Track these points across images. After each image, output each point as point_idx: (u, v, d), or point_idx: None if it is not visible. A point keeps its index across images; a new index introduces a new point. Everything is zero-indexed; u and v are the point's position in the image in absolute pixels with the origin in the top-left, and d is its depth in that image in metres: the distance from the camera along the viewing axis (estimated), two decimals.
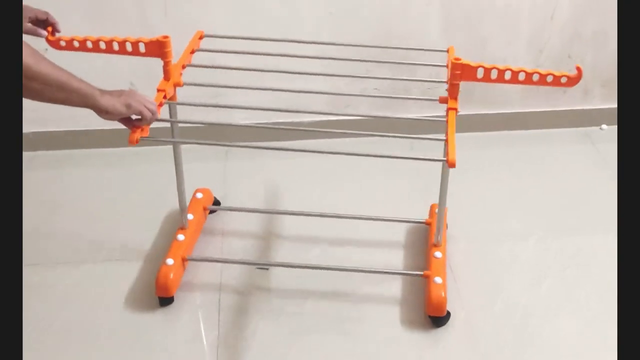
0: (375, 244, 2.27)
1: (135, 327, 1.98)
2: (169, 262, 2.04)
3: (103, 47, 1.86)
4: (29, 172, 2.55)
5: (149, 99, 1.71)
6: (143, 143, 1.71)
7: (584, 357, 1.91)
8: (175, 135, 1.99)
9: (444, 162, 1.96)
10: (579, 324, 1.99)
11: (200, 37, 2.04)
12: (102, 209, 2.40)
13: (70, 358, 1.90)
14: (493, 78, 1.80)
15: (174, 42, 1.96)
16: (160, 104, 1.79)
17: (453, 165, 1.66)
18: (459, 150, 1.70)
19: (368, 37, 2.50)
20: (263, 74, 2.10)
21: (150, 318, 2.00)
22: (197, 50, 2.00)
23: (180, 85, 1.90)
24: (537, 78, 1.79)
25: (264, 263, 2.17)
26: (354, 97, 2.62)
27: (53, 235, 2.28)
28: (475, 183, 2.50)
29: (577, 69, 1.77)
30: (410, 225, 2.31)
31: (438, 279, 2.00)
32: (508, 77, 1.80)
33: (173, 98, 1.90)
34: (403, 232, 2.30)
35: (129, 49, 1.86)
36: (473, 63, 1.78)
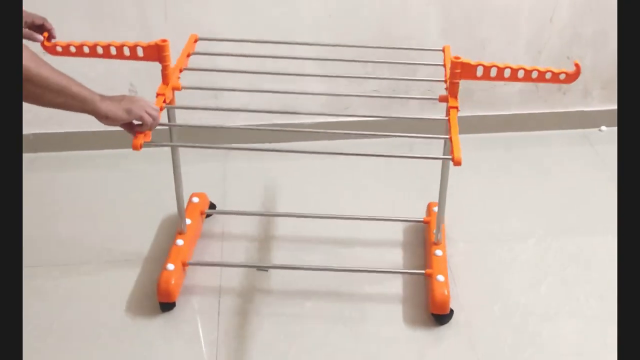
0: (374, 244, 2.27)
1: (136, 329, 1.97)
2: (170, 267, 2.03)
3: (100, 52, 1.84)
4: (29, 173, 2.55)
5: (151, 104, 1.69)
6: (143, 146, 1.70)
7: (584, 356, 1.91)
8: (174, 139, 1.98)
9: (444, 160, 1.97)
10: (579, 324, 1.99)
11: (195, 40, 2.02)
12: (101, 211, 2.40)
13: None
14: (492, 76, 1.80)
15: (175, 43, 1.96)
16: (161, 109, 1.78)
17: (459, 163, 1.65)
18: None
19: (368, 37, 2.50)
20: (262, 76, 2.10)
21: (151, 321, 1.99)
22: (193, 54, 1.99)
23: (179, 89, 1.89)
24: (536, 75, 1.79)
25: (264, 266, 2.17)
26: (353, 98, 2.62)
27: (52, 237, 2.28)
28: (475, 184, 2.50)
29: (575, 66, 1.78)
30: (407, 225, 2.31)
31: (440, 277, 2.00)
32: (507, 74, 1.79)
33: (171, 102, 1.89)
34: (400, 231, 2.30)
35: (127, 54, 1.84)
36: (473, 61, 1.79)
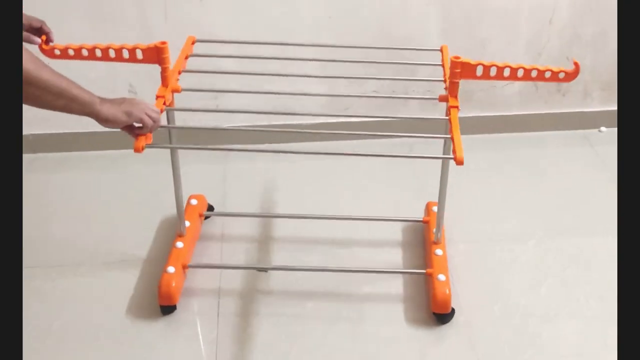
0: (374, 244, 2.27)
1: (135, 331, 1.97)
2: (170, 270, 2.02)
3: (99, 54, 1.83)
4: (29, 174, 2.55)
5: (152, 107, 1.68)
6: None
7: (584, 357, 1.91)
8: (173, 141, 1.96)
9: (444, 160, 1.97)
10: (579, 325, 1.99)
11: (193, 42, 2.01)
12: (100, 212, 2.39)
13: None
14: (492, 75, 1.80)
15: (175, 43, 1.96)
16: (161, 111, 1.77)
17: (461, 163, 1.65)
18: None
19: (368, 38, 2.50)
20: (262, 76, 2.10)
21: (151, 323, 1.99)
22: (192, 55, 1.98)
23: (179, 91, 1.88)
24: (535, 74, 1.80)
25: (264, 267, 2.16)
26: (353, 100, 2.62)
27: (51, 238, 2.27)
28: (475, 185, 2.50)
29: (574, 64, 1.78)
30: (406, 224, 2.31)
31: (441, 276, 2.00)
32: (507, 74, 1.80)
33: (171, 104, 1.88)
34: (399, 231, 2.30)
35: (126, 56, 1.83)
36: (472, 61, 1.79)
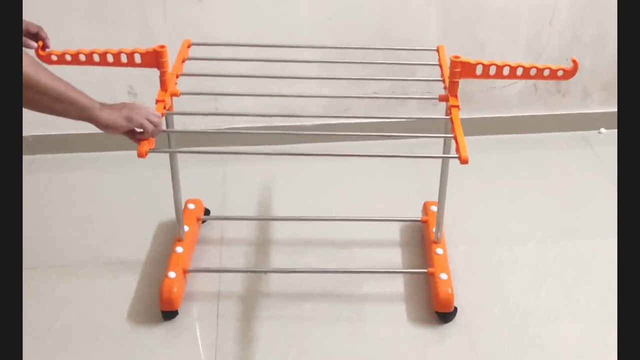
0: (373, 244, 2.27)
1: (135, 332, 1.97)
2: (171, 275, 2.01)
3: (97, 59, 1.82)
4: (29, 175, 2.54)
5: (152, 111, 1.67)
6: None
7: (584, 358, 1.91)
8: (172, 145, 1.96)
9: (444, 160, 1.97)
10: (579, 326, 1.99)
11: (189, 45, 2.00)
12: (98, 213, 2.39)
13: None
14: (492, 74, 1.80)
15: (175, 43, 1.96)
16: (162, 115, 1.76)
17: (466, 162, 1.65)
18: None
19: (368, 38, 2.50)
20: (262, 78, 2.10)
21: (151, 325, 1.98)
22: (190, 59, 1.97)
23: (178, 95, 1.87)
24: (534, 72, 1.80)
25: (264, 270, 2.16)
26: (353, 101, 2.62)
27: (50, 239, 2.27)
28: (474, 186, 2.50)
29: (572, 62, 1.79)
30: (404, 224, 2.31)
31: (443, 275, 2.01)
32: (506, 72, 1.80)
33: (170, 108, 1.87)
34: (397, 231, 2.30)
35: (124, 61, 1.82)
36: (472, 60, 1.79)
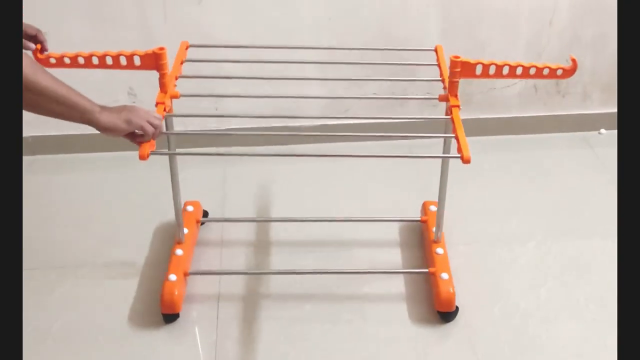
0: (373, 244, 2.27)
1: (136, 334, 1.97)
2: (172, 278, 2.00)
3: (96, 62, 1.81)
4: (28, 175, 2.54)
5: (153, 113, 1.66)
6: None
7: (584, 358, 1.91)
8: (172, 146, 1.95)
9: (444, 160, 1.97)
10: (579, 326, 2.00)
11: (186, 47, 2.00)
12: (99, 214, 2.39)
13: None
14: (491, 73, 1.81)
15: (175, 44, 1.96)
16: (162, 117, 1.76)
17: (468, 161, 1.65)
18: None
19: (368, 39, 2.50)
20: (261, 79, 2.10)
21: (151, 327, 1.98)
22: (189, 60, 1.96)
23: (177, 97, 1.86)
24: (534, 71, 1.81)
25: (264, 272, 2.16)
26: (353, 102, 2.61)
27: (49, 240, 2.27)
28: (474, 187, 2.50)
29: (572, 61, 1.79)
30: (403, 224, 2.32)
31: (445, 275, 2.01)
32: (506, 72, 1.81)
33: (170, 110, 1.86)
34: (397, 231, 2.30)
35: (124, 63, 1.81)
36: (472, 60, 1.80)
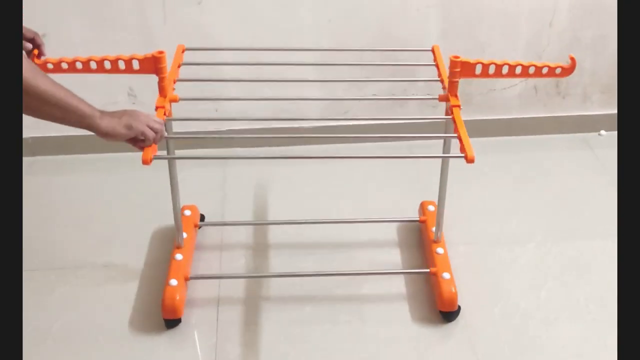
0: (372, 245, 2.27)
1: (136, 334, 1.96)
2: (173, 283, 1.99)
3: (94, 67, 1.80)
4: (28, 176, 2.53)
5: (154, 118, 1.65)
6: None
7: (584, 359, 1.91)
8: (171, 149, 1.94)
9: (444, 160, 1.97)
10: (579, 327, 2.00)
11: (183, 50, 1.99)
12: (99, 214, 2.38)
13: None
14: (491, 73, 1.81)
15: (175, 45, 1.96)
16: (163, 121, 1.74)
17: (472, 161, 1.65)
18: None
19: (367, 40, 2.50)
20: (261, 81, 2.10)
21: (151, 329, 1.98)
22: (186, 64, 1.95)
23: (177, 101, 1.85)
24: (533, 70, 1.82)
25: (264, 275, 2.16)
26: (353, 103, 2.61)
27: (49, 241, 2.26)
28: (474, 187, 2.50)
29: (571, 60, 1.80)
30: (402, 225, 2.32)
31: (446, 275, 2.01)
32: (505, 71, 1.81)
33: (169, 113, 1.85)
34: (395, 231, 2.31)
35: (122, 67, 1.80)
36: (471, 59, 1.80)
